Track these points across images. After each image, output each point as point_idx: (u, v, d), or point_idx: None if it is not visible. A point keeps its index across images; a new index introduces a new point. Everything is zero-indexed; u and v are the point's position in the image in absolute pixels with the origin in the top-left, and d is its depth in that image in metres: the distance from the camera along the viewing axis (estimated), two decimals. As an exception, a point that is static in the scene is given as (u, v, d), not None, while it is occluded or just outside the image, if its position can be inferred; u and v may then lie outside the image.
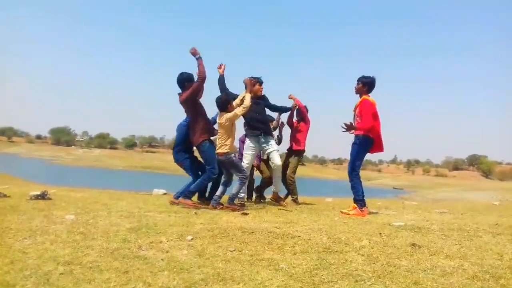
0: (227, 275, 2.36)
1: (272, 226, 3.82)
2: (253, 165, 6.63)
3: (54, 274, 2.28)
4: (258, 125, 5.89)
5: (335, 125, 5.78)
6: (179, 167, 5.60)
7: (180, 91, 5.31)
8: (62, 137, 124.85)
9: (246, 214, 4.69)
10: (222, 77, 5.83)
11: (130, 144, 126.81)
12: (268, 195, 6.50)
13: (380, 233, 3.61)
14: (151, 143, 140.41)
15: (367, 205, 5.20)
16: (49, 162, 72.74)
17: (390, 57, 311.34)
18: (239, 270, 2.46)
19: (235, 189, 5.18)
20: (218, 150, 5.10)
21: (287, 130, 6.74)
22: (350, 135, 5.20)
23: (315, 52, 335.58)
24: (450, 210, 6.13)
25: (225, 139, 5.06)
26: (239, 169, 5.18)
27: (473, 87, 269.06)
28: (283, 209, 5.39)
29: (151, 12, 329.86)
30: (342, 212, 5.14)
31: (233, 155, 5.21)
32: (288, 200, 6.37)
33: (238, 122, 5.30)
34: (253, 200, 6.53)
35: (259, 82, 5.92)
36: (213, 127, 5.45)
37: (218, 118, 5.13)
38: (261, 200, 6.51)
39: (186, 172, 5.54)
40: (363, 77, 5.19)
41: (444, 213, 5.74)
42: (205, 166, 5.29)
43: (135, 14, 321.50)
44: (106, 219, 3.98)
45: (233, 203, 5.09)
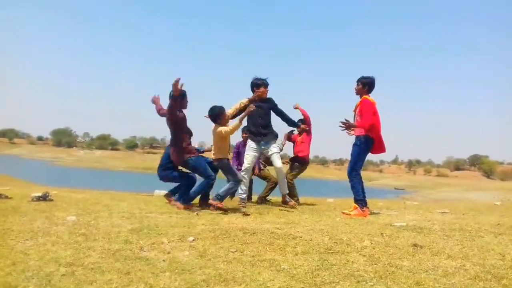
0: (228, 276, 2.36)
1: (273, 227, 3.82)
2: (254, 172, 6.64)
3: (55, 275, 2.29)
4: (260, 129, 5.83)
5: (336, 125, 5.75)
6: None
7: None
8: (63, 138, 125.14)
9: (248, 215, 4.69)
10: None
11: (131, 145, 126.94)
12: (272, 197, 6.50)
13: (382, 234, 3.61)
14: (152, 144, 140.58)
15: (368, 206, 5.20)
16: (50, 164, 72.90)
17: (391, 57, 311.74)
18: (240, 271, 2.46)
19: (224, 189, 5.07)
20: (212, 156, 5.15)
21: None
22: (350, 135, 5.20)
23: (316, 52, 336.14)
24: (451, 210, 6.12)
25: (218, 146, 5.08)
26: (233, 174, 5.15)
27: (474, 87, 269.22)
28: (285, 210, 5.39)
29: (152, 13, 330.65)
30: (343, 213, 5.14)
31: (226, 160, 5.17)
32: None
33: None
34: (254, 200, 6.53)
35: (264, 85, 5.82)
36: (194, 148, 5.34)
37: (213, 127, 5.11)
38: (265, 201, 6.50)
39: (176, 182, 5.48)
40: (362, 77, 5.19)
41: (446, 213, 5.73)
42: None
43: (136, 14, 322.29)
44: (107, 220, 3.98)
45: (218, 200, 4.94)
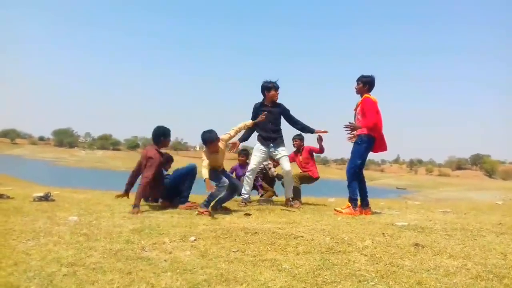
0: (230, 275, 2.36)
1: (275, 227, 3.82)
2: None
3: (57, 275, 2.29)
4: (270, 134, 5.78)
5: (337, 124, 5.75)
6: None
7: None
8: (65, 138, 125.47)
9: (249, 215, 4.69)
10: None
11: (133, 145, 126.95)
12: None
13: (383, 233, 3.60)
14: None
15: (370, 206, 5.20)
16: (52, 164, 73.04)
17: (393, 56, 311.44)
18: (242, 270, 2.46)
19: (212, 194, 4.83)
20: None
21: None
22: (352, 141, 5.18)
23: (317, 52, 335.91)
24: (453, 210, 6.11)
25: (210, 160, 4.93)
26: (218, 179, 4.93)
27: (476, 86, 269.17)
28: (286, 210, 5.39)
29: (153, 13, 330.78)
30: (335, 210, 5.15)
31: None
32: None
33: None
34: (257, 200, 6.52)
35: (275, 87, 5.74)
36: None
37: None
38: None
39: None
40: (362, 76, 5.17)
41: (447, 212, 5.72)
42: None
43: (137, 14, 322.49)
44: (109, 220, 3.99)
45: (204, 207, 4.74)
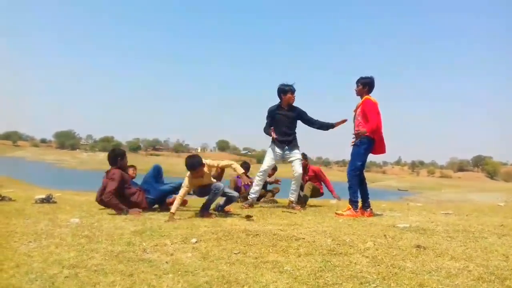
0: (231, 277, 2.36)
1: (276, 229, 3.82)
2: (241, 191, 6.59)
3: (59, 277, 2.30)
4: (285, 137, 5.79)
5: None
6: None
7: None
8: (66, 140, 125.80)
9: (250, 216, 4.69)
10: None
11: (134, 147, 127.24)
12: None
13: (385, 235, 3.60)
14: (155, 146, 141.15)
15: (371, 207, 5.19)
16: (54, 166, 73.15)
17: (393, 57, 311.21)
18: (243, 272, 2.46)
19: (209, 199, 4.87)
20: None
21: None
22: (352, 135, 5.19)
23: (318, 52, 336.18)
24: (455, 212, 6.10)
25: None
26: (209, 191, 4.85)
27: (477, 87, 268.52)
28: (287, 211, 5.39)
29: (153, 13, 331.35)
30: (336, 213, 5.12)
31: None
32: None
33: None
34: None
35: (291, 91, 5.76)
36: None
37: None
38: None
39: None
40: (361, 78, 5.18)
41: (449, 214, 5.71)
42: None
43: (138, 15, 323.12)
44: (110, 222, 4.00)
45: (207, 212, 4.82)
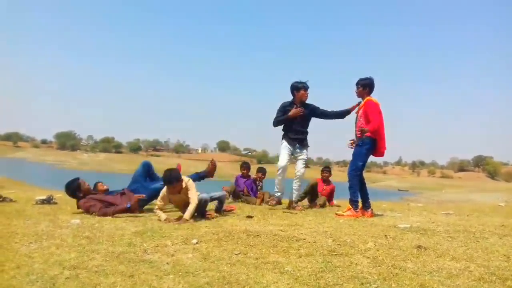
0: (232, 278, 2.36)
1: (277, 229, 3.82)
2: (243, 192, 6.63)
3: (60, 278, 2.29)
4: (296, 135, 5.77)
5: (339, 126, 5.80)
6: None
7: None
8: (67, 141, 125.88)
9: (251, 217, 4.69)
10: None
11: (135, 148, 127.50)
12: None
13: (386, 235, 3.59)
14: (155, 147, 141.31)
15: (372, 208, 5.19)
16: (54, 167, 73.18)
17: (394, 57, 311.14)
18: (244, 273, 2.46)
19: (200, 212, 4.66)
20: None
21: None
22: (353, 136, 5.19)
23: (319, 52, 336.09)
24: (455, 212, 6.10)
25: None
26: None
27: (478, 88, 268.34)
28: (288, 212, 5.39)
29: (154, 14, 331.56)
30: (337, 214, 5.12)
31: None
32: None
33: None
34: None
35: (304, 88, 5.73)
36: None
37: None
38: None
39: None
40: (360, 80, 5.19)
41: (450, 214, 5.71)
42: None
43: (139, 16, 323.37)
44: (111, 223, 4.00)
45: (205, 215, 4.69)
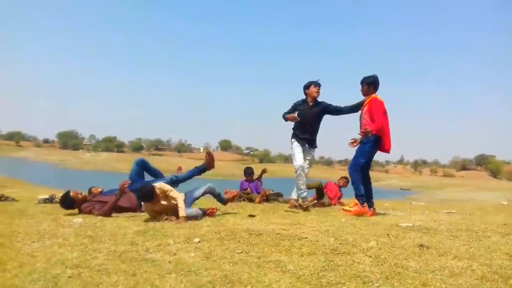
0: (234, 277, 2.36)
1: (279, 228, 3.82)
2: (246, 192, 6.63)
3: (62, 277, 2.30)
4: (306, 135, 5.69)
5: (341, 125, 5.77)
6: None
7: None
8: (69, 141, 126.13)
9: (253, 216, 4.69)
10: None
11: (137, 147, 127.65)
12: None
13: (388, 234, 3.59)
14: (157, 146, 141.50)
15: (374, 207, 5.19)
16: (56, 166, 73.37)
17: (396, 56, 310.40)
18: (246, 272, 2.46)
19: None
20: None
21: None
22: (355, 134, 5.18)
23: (320, 51, 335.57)
24: (458, 211, 6.08)
25: None
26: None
27: (480, 86, 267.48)
28: (290, 211, 5.39)
29: (154, 14, 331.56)
30: (344, 210, 5.13)
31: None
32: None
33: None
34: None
35: (314, 84, 5.65)
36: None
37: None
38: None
39: None
40: (365, 78, 5.17)
41: (452, 213, 5.69)
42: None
43: (138, 17, 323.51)
44: (113, 222, 4.01)
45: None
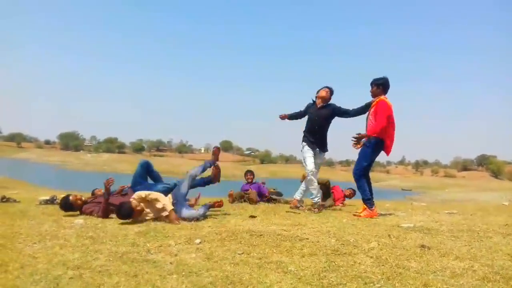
0: (235, 278, 2.36)
1: (280, 229, 3.82)
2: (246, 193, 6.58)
3: (63, 278, 2.30)
4: (314, 139, 5.74)
5: (343, 126, 5.75)
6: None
7: None
8: (70, 142, 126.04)
9: (254, 217, 4.69)
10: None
11: (138, 148, 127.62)
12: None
13: (389, 235, 3.59)
14: (158, 147, 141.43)
15: (375, 207, 5.18)
16: (58, 167, 73.40)
17: (397, 56, 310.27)
18: (247, 273, 2.46)
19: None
20: None
21: None
22: (357, 148, 5.15)
23: (321, 51, 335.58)
24: (459, 211, 6.08)
25: None
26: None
27: (481, 86, 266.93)
28: (291, 212, 5.39)
29: (154, 14, 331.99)
30: (354, 215, 5.11)
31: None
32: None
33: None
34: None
35: (323, 88, 5.79)
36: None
37: None
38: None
39: None
40: (375, 79, 5.15)
41: (453, 214, 5.69)
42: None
43: (139, 17, 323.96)
44: (114, 223, 4.01)
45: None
